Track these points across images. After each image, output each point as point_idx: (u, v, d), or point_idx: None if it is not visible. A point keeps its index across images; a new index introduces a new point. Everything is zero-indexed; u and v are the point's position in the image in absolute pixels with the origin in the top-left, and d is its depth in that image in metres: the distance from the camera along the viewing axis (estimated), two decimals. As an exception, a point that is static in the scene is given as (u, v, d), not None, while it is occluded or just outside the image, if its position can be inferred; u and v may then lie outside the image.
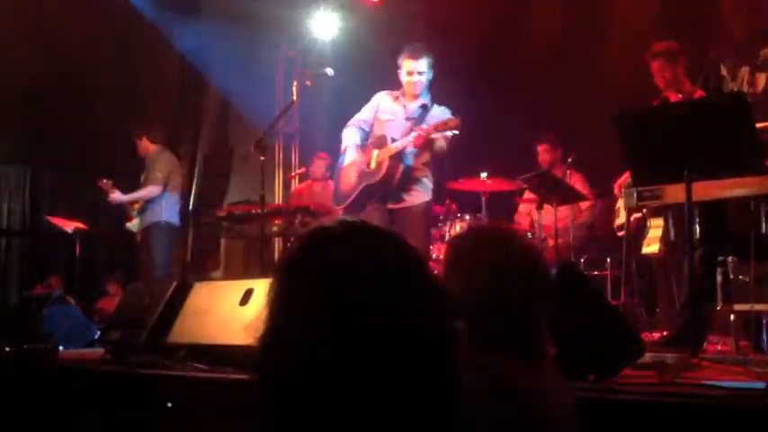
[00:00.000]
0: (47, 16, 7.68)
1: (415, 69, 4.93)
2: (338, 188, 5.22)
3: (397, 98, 5.08)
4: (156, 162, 6.76)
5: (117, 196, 6.67)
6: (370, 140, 5.10)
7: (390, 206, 4.94)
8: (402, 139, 4.86)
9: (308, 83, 5.32)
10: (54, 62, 7.84)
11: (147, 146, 6.90)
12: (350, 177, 5.08)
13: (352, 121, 5.19)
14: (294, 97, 5.40)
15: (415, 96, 4.99)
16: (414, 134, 4.78)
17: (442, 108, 5.01)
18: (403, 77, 5.00)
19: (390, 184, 4.88)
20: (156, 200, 6.65)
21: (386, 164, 4.87)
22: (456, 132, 4.74)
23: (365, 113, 5.17)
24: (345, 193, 5.09)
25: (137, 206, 6.72)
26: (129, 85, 8.56)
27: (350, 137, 5.13)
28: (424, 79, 4.97)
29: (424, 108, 4.92)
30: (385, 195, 4.94)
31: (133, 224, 6.69)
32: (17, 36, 7.77)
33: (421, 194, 4.98)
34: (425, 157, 4.98)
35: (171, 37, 8.13)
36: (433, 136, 4.78)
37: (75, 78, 8.00)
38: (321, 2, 7.56)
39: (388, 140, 4.93)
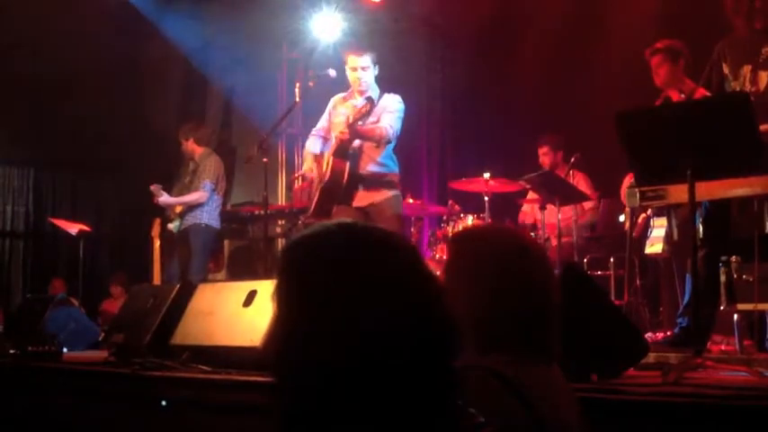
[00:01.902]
0: (48, 16, 7.68)
1: (359, 65, 4.88)
2: (308, 199, 5.18)
3: (345, 99, 5.05)
4: (205, 167, 6.71)
5: (165, 199, 6.63)
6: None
7: (356, 205, 4.86)
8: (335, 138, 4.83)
9: (310, 84, 5.32)
10: (56, 62, 7.85)
11: (194, 148, 6.84)
12: (312, 186, 5.03)
13: (312, 132, 5.16)
14: (297, 98, 5.40)
15: (362, 92, 4.92)
16: (338, 130, 4.76)
17: (392, 96, 4.93)
18: (348, 74, 4.94)
19: (340, 183, 4.80)
20: (202, 203, 6.63)
21: (330, 164, 4.84)
22: (374, 116, 4.72)
23: (321, 121, 5.14)
24: (309, 202, 5.04)
25: (179, 209, 6.69)
26: (131, 86, 8.57)
27: (309, 146, 5.09)
28: (369, 74, 4.90)
29: (369, 101, 4.80)
30: (344, 195, 4.85)
31: (174, 225, 6.67)
32: (19, 36, 7.79)
33: (385, 190, 4.89)
34: (380, 151, 4.89)
35: (173, 37, 8.14)
36: (359, 126, 4.71)
37: (78, 79, 8.01)
38: (323, 3, 7.57)
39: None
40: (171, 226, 6.67)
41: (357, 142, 4.81)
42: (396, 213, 4.93)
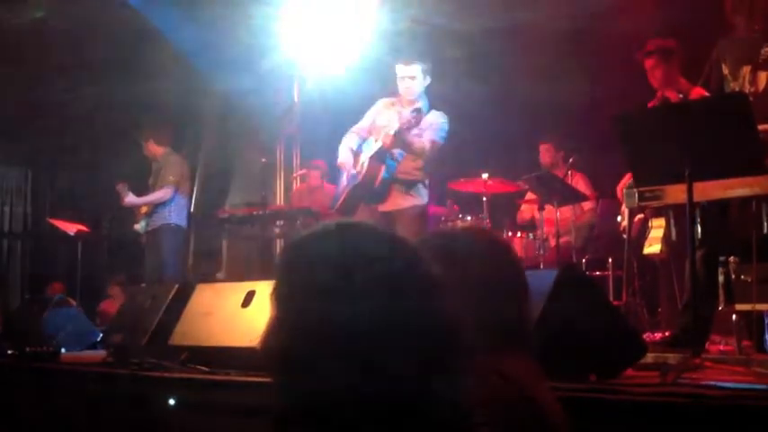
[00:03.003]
0: (47, 17, 7.68)
1: (407, 74, 4.96)
2: (336, 192, 5.28)
3: (393, 104, 5.12)
4: (166, 165, 6.72)
5: (130, 199, 6.65)
6: None
7: (381, 209, 4.95)
8: (377, 141, 4.90)
9: (309, 84, 5.33)
10: (55, 62, 7.85)
11: (154, 148, 6.85)
12: (343, 181, 5.13)
13: (352, 129, 5.22)
14: (295, 99, 5.42)
15: (411, 102, 4.99)
16: (383, 134, 4.82)
17: (438, 113, 5.02)
18: (398, 83, 5.03)
19: (372, 184, 4.90)
20: (166, 202, 6.64)
21: (366, 164, 4.90)
22: (417, 129, 4.78)
23: (363, 121, 5.21)
24: (338, 196, 5.14)
25: (145, 209, 6.71)
26: (129, 87, 8.56)
27: (347, 141, 5.16)
28: (417, 84, 4.98)
29: (417, 112, 4.88)
30: (372, 197, 4.95)
31: (140, 226, 6.68)
32: (18, 37, 7.78)
33: (413, 198, 4.98)
34: (417, 163, 4.98)
35: (172, 37, 8.13)
36: (404, 136, 4.76)
37: (77, 79, 8.00)
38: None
39: None
40: (137, 227, 6.68)
41: (397, 150, 4.88)
42: (418, 221, 5.00)
